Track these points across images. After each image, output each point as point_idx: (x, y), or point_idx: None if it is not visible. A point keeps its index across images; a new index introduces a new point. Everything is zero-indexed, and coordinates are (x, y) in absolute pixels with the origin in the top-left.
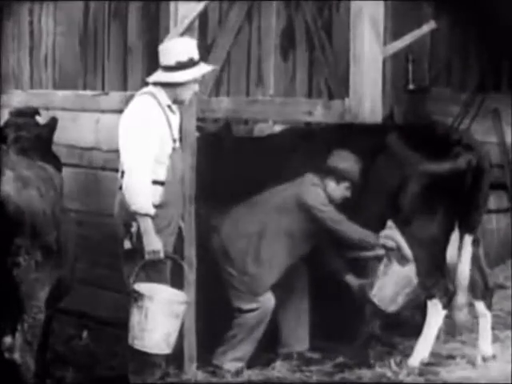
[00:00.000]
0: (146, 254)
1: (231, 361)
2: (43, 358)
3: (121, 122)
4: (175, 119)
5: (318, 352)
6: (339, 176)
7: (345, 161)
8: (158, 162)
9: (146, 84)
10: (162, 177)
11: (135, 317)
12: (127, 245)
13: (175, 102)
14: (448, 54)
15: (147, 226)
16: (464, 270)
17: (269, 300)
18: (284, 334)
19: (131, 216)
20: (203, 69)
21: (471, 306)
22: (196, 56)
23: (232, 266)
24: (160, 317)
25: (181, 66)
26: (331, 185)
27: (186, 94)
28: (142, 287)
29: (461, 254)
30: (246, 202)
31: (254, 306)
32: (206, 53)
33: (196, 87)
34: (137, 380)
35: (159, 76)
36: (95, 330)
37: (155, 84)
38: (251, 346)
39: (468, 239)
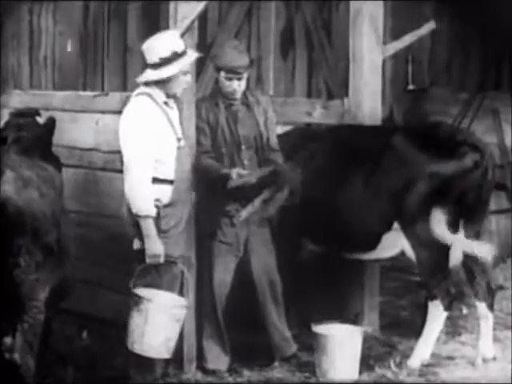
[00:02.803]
0: (147, 258)
1: (217, 357)
2: (43, 358)
3: (120, 125)
4: (175, 115)
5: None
6: (228, 71)
7: (228, 55)
8: (163, 161)
9: (138, 84)
10: (169, 176)
11: (135, 320)
12: (136, 245)
13: (169, 96)
14: (448, 54)
15: (149, 228)
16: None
17: None
18: (275, 336)
19: None
20: (188, 59)
21: (474, 307)
22: (180, 48)
23: None
24: (161, 321)
25: (165, 62)
26: (223, 81)
27: (179, 87)
28: (142, 292)
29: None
30: None
31: None
32: (205, 53)
33: (188, 78)
34: (137, 376)
35: (147, 75)
36: (95, 330)
37: (147, 83)
38: (219, 334)
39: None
